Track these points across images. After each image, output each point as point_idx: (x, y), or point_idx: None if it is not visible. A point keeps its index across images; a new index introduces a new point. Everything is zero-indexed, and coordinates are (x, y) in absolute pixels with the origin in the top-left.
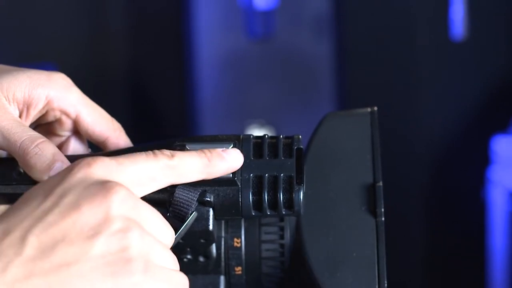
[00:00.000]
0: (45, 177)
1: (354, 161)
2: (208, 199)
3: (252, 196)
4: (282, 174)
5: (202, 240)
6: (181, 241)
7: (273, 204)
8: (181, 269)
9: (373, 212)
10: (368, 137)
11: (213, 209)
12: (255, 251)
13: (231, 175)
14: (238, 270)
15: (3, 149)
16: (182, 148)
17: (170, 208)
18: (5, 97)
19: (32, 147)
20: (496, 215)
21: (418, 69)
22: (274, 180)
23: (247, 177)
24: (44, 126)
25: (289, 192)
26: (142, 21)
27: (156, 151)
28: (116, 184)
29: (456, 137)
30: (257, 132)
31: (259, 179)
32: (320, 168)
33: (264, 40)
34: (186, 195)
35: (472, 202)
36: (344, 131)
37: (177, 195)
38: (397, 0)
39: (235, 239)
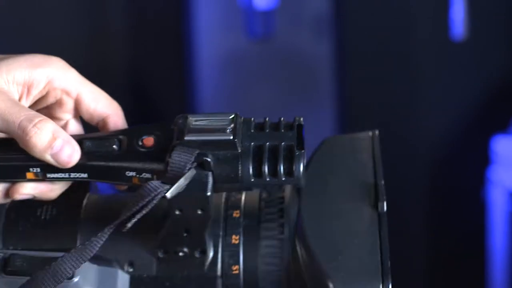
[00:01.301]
0: (47, 156)
1: (355, 178)
2: (208, 159)
3: (252, 161)
4: (283, 143)
5: (199, 211)
6: (177, 213)
7: (273, 170)
8: (177, 266)
9: (375, 207)
10: (370, 162)
11: (212, 174)
12: (253, 248)
13: (231, 137)
14: (235, 269)
15: (2, 132)
16: (184, 120)
17: (168, 168)
18: (5, 80)
19: (30, 126)
20: (496, 215)
21: (418, 69)
22: (275, 148)
23: (247, 145)
24: (44, 110)
25: (290, 158)
26: (142, 21)
27: None
28: None
29: (456, 137)
30: None
31: (259, 148)
32: (319, 181)
33: (264, 40)
34: (182, 156)
35: (472, 202)
36: (344, 155)
37: (174, 155)
38: (397, 0)
39: (233, 236)
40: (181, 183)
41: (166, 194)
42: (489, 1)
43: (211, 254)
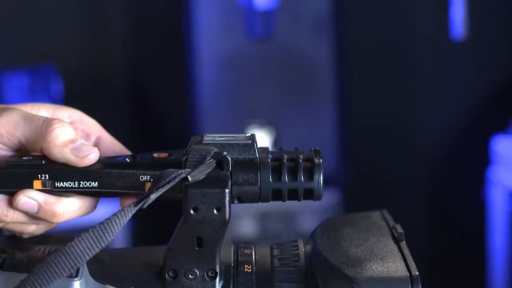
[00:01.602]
0: (66, 152)
1: (367, 224)
2: (227, 156)
3: (271, 165)
4: (301, 156)
5: (215, 211)
6: (192, 213)
7: (293, 173)
8: None
9: (392, 237)
10: (382, 221)
11: (230, 175)
12: (267, 276)
13: (250, 141)
14: None
15: (20, 132)
16: (201, 136)
17: (187, 163)
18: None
19: (56, 121)
20: (496, 215)
21: (418, 69)
22: (293, 159)
23: (265, 155)
24: None
25: (310, 166)
26: (142, 21)
27: None
28: None
29: (456, 137)
30: (257, 132)
31: (277, 158)
32: (333, 229)
33: (264, 40)
34: (201, 150)
35: (472, 202)
36: (355, 218)
37: (191, 151)
38: (397, 0)
39: (246, 266)
40: (202, 169)
41: (188, 176)
42: (489, 1)
43: (222, 281)
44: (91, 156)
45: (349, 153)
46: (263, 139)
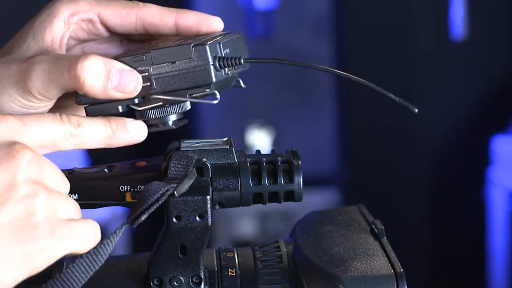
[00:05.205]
0: (111, 91)
1: (346, 221)
2: (207, 163)
3: (250, 169)
4: (279, 158)
5: (197, 218)
6: (175, 221)
7: (273, 176)
8: None
9: (372, 232)
10: (360, 216)
11: (211, 181)
12: (251, 278)
13: (228, 146)
14: None
15: (60, 91)
16: (178, 143)
17: (168, 172)
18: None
19: (79, 70)
20: (496, 215)
21: (418, 69)
22: (271, 161)
23: (243, 159)
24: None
25: (289, 167)
26: None
27: (64, 116)
28: (21, 146)
29: (456, 137)
30: (257, 132)
31: (255, 162)
32: (312, 227)
33: (264, 40)
34: (183, 159)
35: (472, 202)
36: (332, 215)
37: (172, 160)
38: (397, 0)
39: (230, 270)
40: (186, 182)
41: (175, 192)
42: (489, 1)
43: (207, 286)
44: (138, 86)
45: (348, 153)
46: (263, 139)
